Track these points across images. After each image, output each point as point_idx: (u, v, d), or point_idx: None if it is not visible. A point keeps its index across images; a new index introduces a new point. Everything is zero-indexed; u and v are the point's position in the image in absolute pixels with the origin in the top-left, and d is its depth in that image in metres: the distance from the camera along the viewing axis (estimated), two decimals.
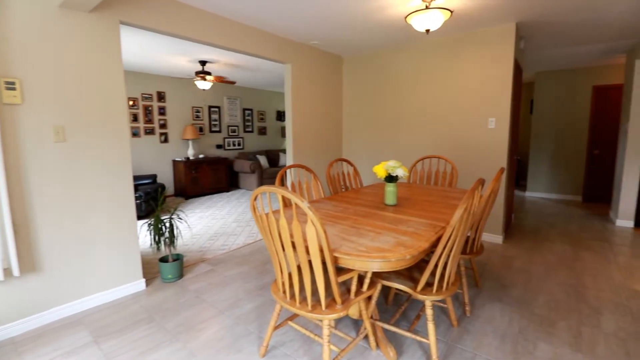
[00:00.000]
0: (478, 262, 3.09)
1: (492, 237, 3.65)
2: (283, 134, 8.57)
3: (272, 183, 6.72)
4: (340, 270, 1.55)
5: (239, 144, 7.38)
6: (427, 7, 2.65)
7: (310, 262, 1.41)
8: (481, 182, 1.60)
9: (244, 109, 7.45)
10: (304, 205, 1.27)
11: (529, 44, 4.10)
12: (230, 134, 7.19)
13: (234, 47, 3.22)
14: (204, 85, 5.01)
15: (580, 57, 4.86)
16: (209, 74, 4.99)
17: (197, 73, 4.95)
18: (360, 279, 1.71)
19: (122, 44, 4.01)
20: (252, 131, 7.68)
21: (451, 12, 2.69)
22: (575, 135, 5.82)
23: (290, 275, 1.70)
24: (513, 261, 3.12)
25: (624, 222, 4.24)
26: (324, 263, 1.71)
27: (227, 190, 6.58)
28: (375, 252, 1.38)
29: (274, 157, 7.46)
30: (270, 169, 6.84)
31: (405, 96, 4.16)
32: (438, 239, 1.61)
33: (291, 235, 1.49)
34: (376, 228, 1.70)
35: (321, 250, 1.36)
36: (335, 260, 1.40)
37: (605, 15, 3.11)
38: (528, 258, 3.19)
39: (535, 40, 3.93)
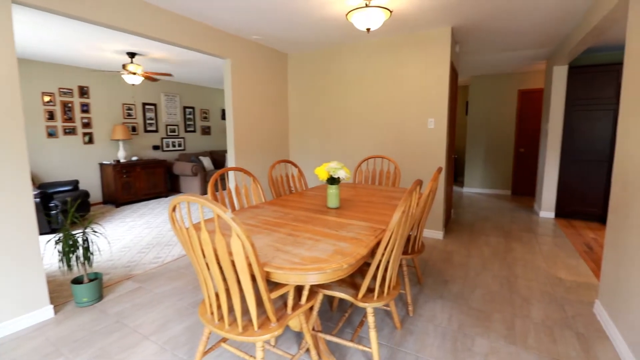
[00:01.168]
0: (420, 259, 3.15)
1: (434, 233, 3.77)
2: None
3: (224, 183, 6.35)
4: (274, 285, 1.41)
5: (179, 145, 6.86)
6: (366, 5, 2.61)
7: (239, 278, 1.25)
8: (418, 183, 1.56)
9: (185, 107, 6.95)
10: (227, 216, 1.11)
11: (463, 48, 4.33)
12: (169, 134, 6.65)
13: (164, 38, 2.91)
14: (133, 79, 4.53)
15: (507, 63, 5.28)
16: (138, 67, 4.52)
17: (125, 66, 4.45)
18: (299, 289, 1.59)
19: (33, 30, 3.43)
20: (194, 131, 7.19)
21: (390, 11, 2.69)
22: (504, 134, 6.34)
23: (217, 294, 1.51)
24: (453, 256, 3.24)
25: (546, 213, 4.68)
26: (255, 278, 1.55)
27: (166, 195, 6.07)
28: (311, 264, 1.26)
29: (219, 159, 7.07)
30: (214, 171, 6.46)
31: (351, 96, 4.14)
32: (378, 243, 1.54)
33: (215, 250, 1.31)
34: (315, 235, 1.59)
35: (250, 265, 1.20)
36: (267, 275, 1.26)
37: (526, 24, 3.35)
38: (466, 252, 3.34)
39: (468, 45, 4.16)
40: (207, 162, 6.50)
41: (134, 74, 4.49)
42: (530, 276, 2.79)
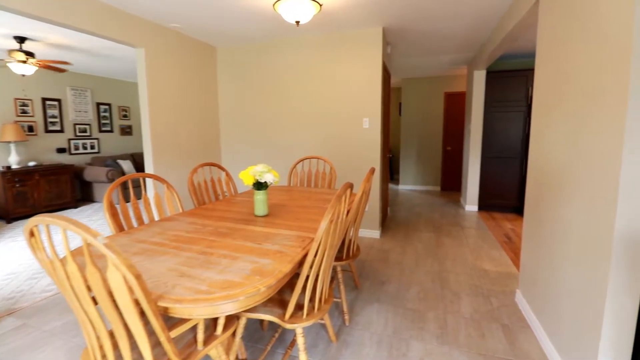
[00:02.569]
0: (358, 261, 3.10)
1: (371, 232, 3.77)
2: None
3: (141, 192, 5.68)
4: (179, 319, 1.17)
5: (92, 147, 5.98)
6: None
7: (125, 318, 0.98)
8: (348, 186, 1.44)
9: (99, 104, 6.09)
10: (98, 242, 0.84)
11: (395, 50, 4.42)
12: (79, 134, 5.77)
13: (58, 19, 2.41)
14: (22, 69, 3.77)
15: (434, 66, 5.57)
16: (31, 54, 3.78)
17: (12, 52, 3.68)
18: (214, 318, 1.36)
19: None
20: (111, 131, 6.35)
21: (320, 5, 2.56)
22: (434, 134, 6.72)
23: (101, 338, 1.21)
24: (389, 254, 3.25)
25: (471, 207, 5.03)
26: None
27: (75, 206, 5.23)
28: (221, 290, 1.05)
29: (143, 162, 6.34)
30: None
31: (286, 94, 3.95)
32: (306, 255, 1.38)
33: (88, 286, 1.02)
34: (234, 251, 1.37)
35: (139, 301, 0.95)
36: (164, 310, 1.01)
37: (449, 29, 3.50)
38: (401, 249, 3.38)
39: (399, 47, 4.25)
40: (127, 166, 5.78)
41: (24, 62, 3.74)
42: (459, 270, 2.90)
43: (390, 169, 8.37)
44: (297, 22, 2.56)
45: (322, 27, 3.46)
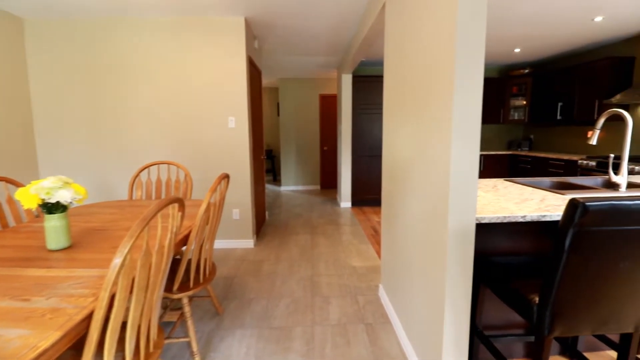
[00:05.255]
0: (226, 277, 2.75)
1: (244, 242, 3.46)
2: None
3: None
4: None
5: None
6: None
7: None
8: (167, 202, 1.10)
9: None
10: None
11: (264, 46, 4.20)
12: None
13: None
14: None
15: (308, 68, 5.61)
16: None
17: None
18: None
19: None
20: None
21: None
22: (311, 134, 6.85)
23: None
24: (262, 265, 3.01)
25: (345, 203, 5.26)
26: None
27: None
28: None
29: None
30: None
31: (132, 87, 3.24)
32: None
33: None
34: None
35: None
36: None
37: (316, 28, 3.47)
38: (276, 257, 3.19)
39: (268, 42, 4.04)
40: None
41: None
42: (331, 271, 2.87)
43: (274, 171, 8.23)
44: None
45: (174, 8, 2.95)
